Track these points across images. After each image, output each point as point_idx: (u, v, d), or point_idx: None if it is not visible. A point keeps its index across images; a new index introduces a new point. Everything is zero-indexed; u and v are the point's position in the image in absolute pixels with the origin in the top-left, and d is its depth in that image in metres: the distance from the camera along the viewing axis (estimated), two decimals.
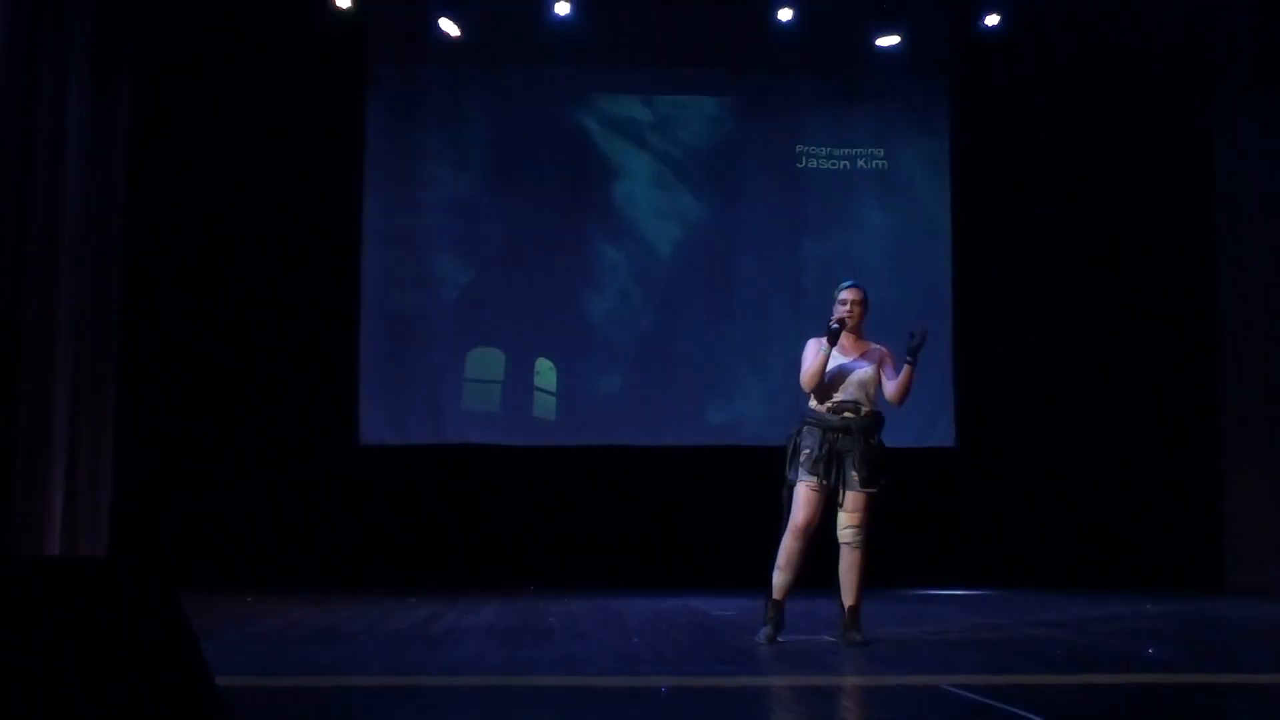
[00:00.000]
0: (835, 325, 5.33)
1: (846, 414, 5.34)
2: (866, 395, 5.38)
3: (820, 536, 5.37)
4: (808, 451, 5.30)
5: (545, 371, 9.60)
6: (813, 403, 5.41)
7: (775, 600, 5.34)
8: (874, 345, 5.49)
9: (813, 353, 5.39)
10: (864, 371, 5.38)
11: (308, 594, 8.06)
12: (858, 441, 5.31)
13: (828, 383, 5.36)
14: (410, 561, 9.22)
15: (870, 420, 5.38)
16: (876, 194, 9.90)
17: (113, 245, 8.94)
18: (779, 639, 5.34)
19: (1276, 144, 9.28)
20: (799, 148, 9.85)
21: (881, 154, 9.91)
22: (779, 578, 5.32)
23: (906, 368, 5.33)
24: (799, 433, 5.39)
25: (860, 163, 9.89)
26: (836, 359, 5.36)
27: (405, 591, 8.34)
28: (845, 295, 5.45)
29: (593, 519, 9.45)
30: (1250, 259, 9.49)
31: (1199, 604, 7.89)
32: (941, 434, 9.69)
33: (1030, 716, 3.52)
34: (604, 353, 9.66)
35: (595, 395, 9.61)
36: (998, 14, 9.43)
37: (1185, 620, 6.79)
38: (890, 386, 5.39)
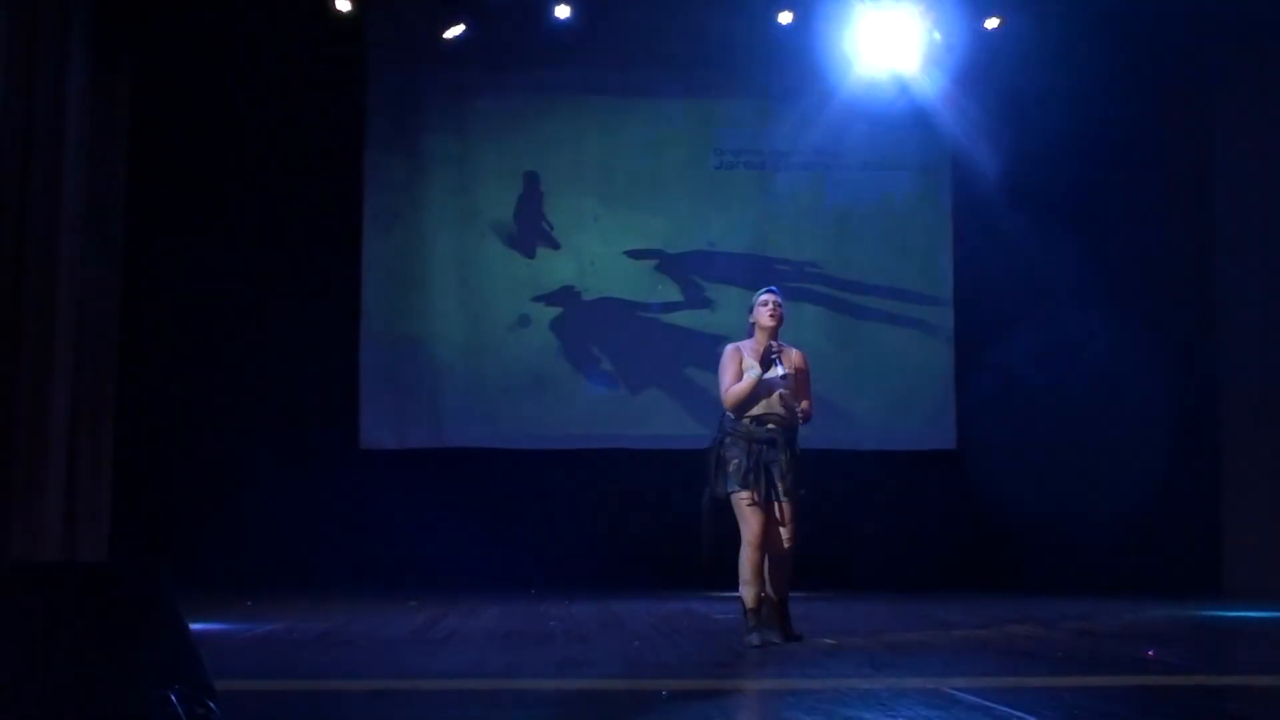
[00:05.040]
0: (774, 356, 5.34)
1: (770, 426, 5.39)
2: (786, 404, 5.44)
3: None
4: (736, 463, 5.36)
5: (541, 374, 9.60)
6: (735, 413, 5.44)
7: (753, 609, 5.40)
8: (790, 349, 5.51)
9: (733, 364, 5.43)
10: (783, 385, 5.42)
11: (307, 598, 8.05)
12: (783, 452, 5.39)
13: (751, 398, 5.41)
14: (410, 565, 9.21)
15: (792, 430, 5.46)
16: (876, 197, 9.89)
17: (112, 246, 8.94)
18: (773, 641, 5.41)
19: (1276, 146, 9.28)
20: (797, 150, 9.85)
21: (881, 157, 9.90)
22: (748, 590, 5.40)
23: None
24: (721, 444, 5.43)
25: (859, 166, 9.88)
26: (757, 372, 5.40)
27: (405, 595, 8.33)
28: (766, 298, 5.51)
29: (594, 522, 9.45)
30: (1250, 261, 9.48)
31: (1199, 606, 7.88)
32: (942, 437, 9.69)
33: (1031, 719, 3.52)
34: (603, 355, 9.66)
35: (594, 399, 9.61)
36: (997, 17, 9.43)
37: (1185, 622, 6.78)
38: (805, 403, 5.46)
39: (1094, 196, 9.93)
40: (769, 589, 5.44)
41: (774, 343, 5.40)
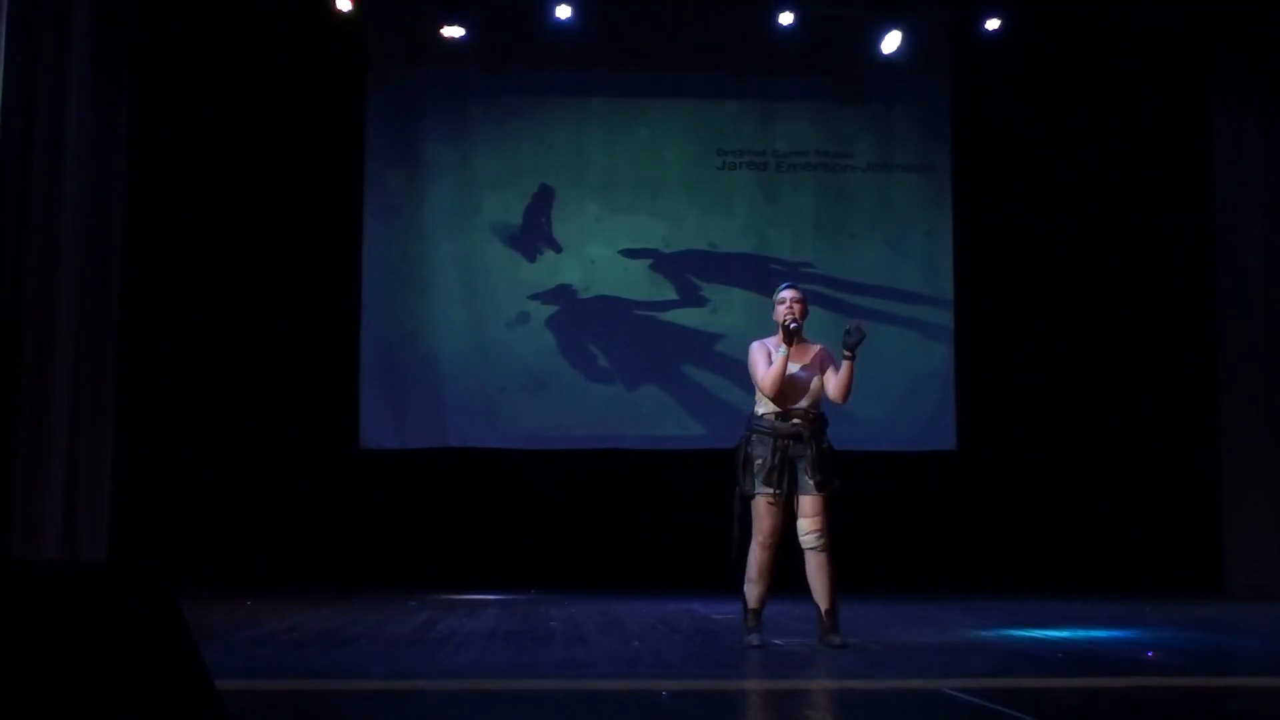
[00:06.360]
0: (793, 325, 5.34)
1: (796, 420, 5.35)
2: (814, 400, 5.40)
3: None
4: (760, 461, 5.31)
5: (541, 373, 9.60)
6: (761, 410, 5.41)
7: (754, 610, 5.38)
8: (814, 345, 5.49)
9: (762, 357, 5.40)
10: (811, 376, 5.40)
11: (308, 598, 8.05)
12: (809, 446, 5.33)
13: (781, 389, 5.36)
14: (411, 565, 9.22)
15: (819, 424, 5.41)
16: (877, 197, 9.89)
17: (113, 248, 8.95)
18: (775, 641, 5.41)
19: (1275, 147, 9.29)
20: (798, 151, 9.86)
21: (881, 157, 9.90)
22: (752, 589, 5.37)
23: (846, 364, 5.34)
24: (748, 442, 5.39)
25: (860, 166, 9.88)
26: (785, 350, 5.35)
27: (405, 595, 8.33)
28: (785, 295, 5.45)
29: (594, 522, 9.45)
30: (1249, 261, 9.50)
31: (1199, 606, 7.88)
32: (943, 438, 9.69)
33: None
34: (602, 355, 9.66)
35: (594, 398, 9.61)
36: (997, 17, 9.43)
37: (1185, 623, 6.79)
38: (833, 386, 5.38)
39: (1094, 198, 9.93)
40: (815, 598, 5.37)
41: (791, 318, 5.35)
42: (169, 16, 9.30)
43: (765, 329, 5.62)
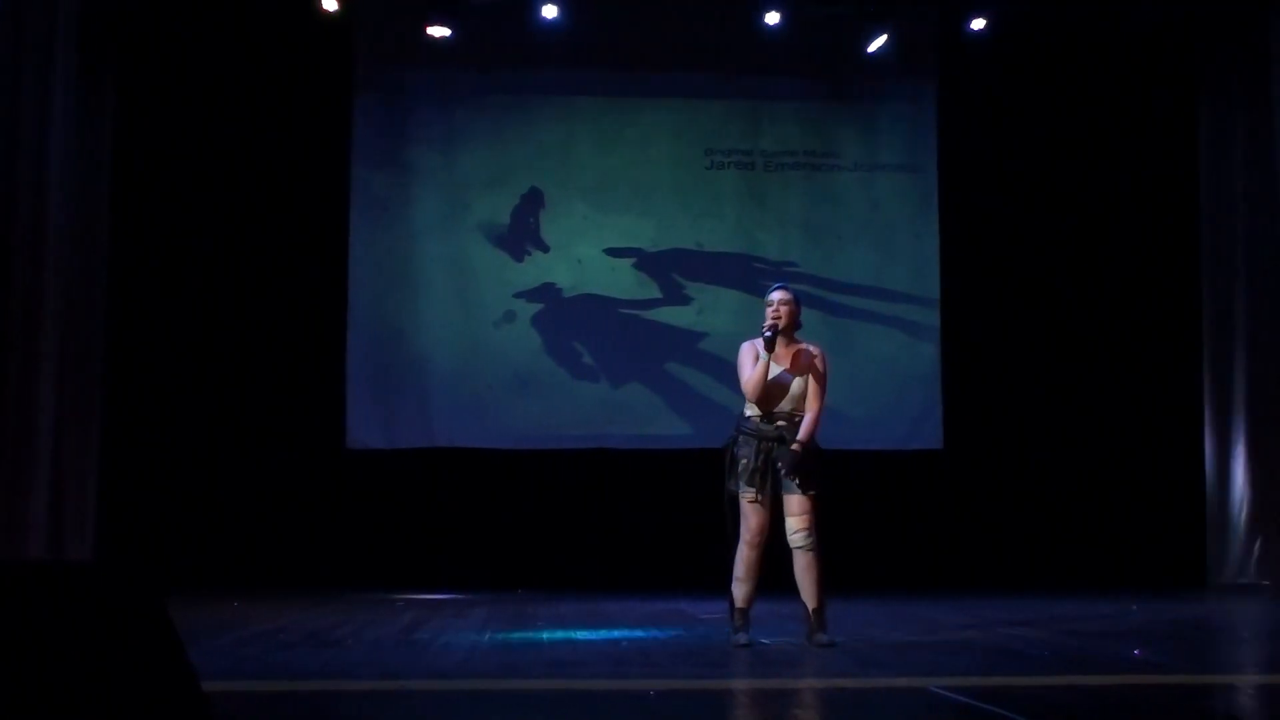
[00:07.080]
0: (769, 333, 5.36)
1: (780, 423, 5.39)
2: (798, 403, 5.42)
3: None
4: (744, 462, 5.37)
5: (527, 372, 9.59)
6: (748, 411, 5.45)
7: (741, 609, 5.42)
8: (804, 346, 5.48)
9: (749, 358, 5.43)
10: (796, 382, 5.41)
11: (295, 598, 8.04)
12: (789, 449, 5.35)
13: (763, 393, 5.39)
14: (398, 565, 9.20)
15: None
16: (863, 198, 9.90)
17: (98, 249, 8.92)
18: (762, 640, 5.42)
19: (1260, 147, 9.33)
20: (785, 151, 9.87)
21: (868, 157, 9.92)
22: (740, 588, 5.42)
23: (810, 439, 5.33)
24: (735, 442, 5.45)
25: (846, 166, 9.90)
26: (771, 369, 5.37)
27: (393, 595, 8.31)
28: (773, 297, 5.48)
29: (582, 521, 9.45)
30: (1233, 262, 9.54)
31: (1184, 604, 7.92)
32: (929, 437, 9.71)
33: (1017, 718, 3.53)
34: (592, 354, 9.65)
35: (580, 397, 9.60)
36: (983, 18, 9.46)
37: (1171, 621, 6.81)
38: (808, 401, 5.38)
39: (1080, 199, 9.96)
40: (803, 597, 5.40)
41: (773, 323, 5.36)
42: (155, 15, 9.27)
43: (751, 328, 5.64)
